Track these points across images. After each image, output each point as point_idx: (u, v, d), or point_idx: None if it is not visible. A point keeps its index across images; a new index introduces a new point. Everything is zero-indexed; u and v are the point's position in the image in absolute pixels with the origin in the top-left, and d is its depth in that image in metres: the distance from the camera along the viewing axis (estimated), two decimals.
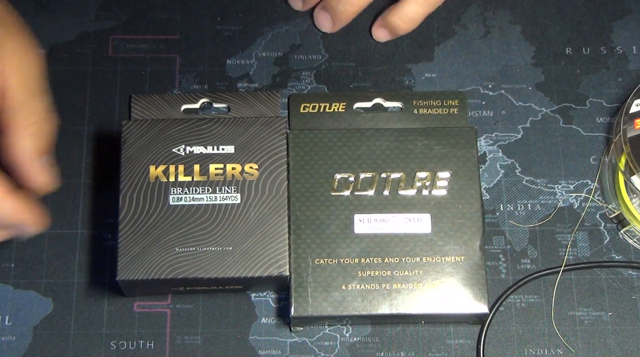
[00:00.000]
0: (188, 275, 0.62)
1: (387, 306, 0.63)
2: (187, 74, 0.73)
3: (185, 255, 0.63)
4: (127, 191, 0.64)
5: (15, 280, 0.67)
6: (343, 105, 0.71)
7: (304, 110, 0.71)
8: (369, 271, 0.64)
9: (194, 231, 0.63)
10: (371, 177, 0.66)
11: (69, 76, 0.72)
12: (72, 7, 0.75)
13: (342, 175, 0.66)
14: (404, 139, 0.67)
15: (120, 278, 0.62)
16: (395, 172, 0.66)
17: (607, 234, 0.69)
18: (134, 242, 0.63)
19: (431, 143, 0.67)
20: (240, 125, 0.66)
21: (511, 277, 0.68)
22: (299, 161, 0.66)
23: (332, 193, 0.66)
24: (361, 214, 0.65)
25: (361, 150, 0.67)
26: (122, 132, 0.65)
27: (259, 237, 0.63)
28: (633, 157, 0.65)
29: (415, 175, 0.66)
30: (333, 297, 0.63)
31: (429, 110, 0.71)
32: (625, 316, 0.67)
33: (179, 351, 0.66)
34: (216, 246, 0.63)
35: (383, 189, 0.66)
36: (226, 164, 0.65)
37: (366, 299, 0.63)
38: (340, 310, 0.63)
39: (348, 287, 0.64)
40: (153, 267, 0.62)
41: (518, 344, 0.66)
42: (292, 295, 0.63)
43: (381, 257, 0.64)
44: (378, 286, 0.64)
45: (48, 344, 0.66)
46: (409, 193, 0.66)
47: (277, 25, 0.75)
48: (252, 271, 0.63)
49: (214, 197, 0.64)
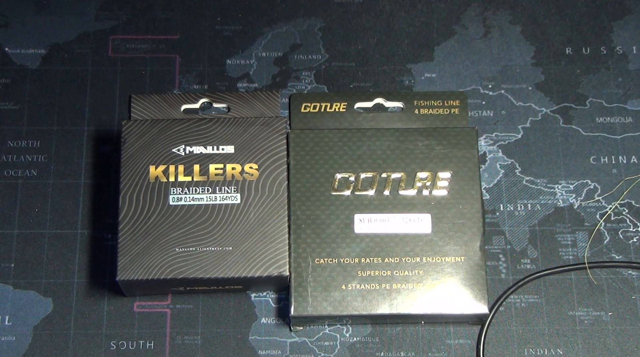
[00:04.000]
0: (188, 275, 0.62)
1: (387, 306, 0.63)
2: (187, 74, 0.73)
3: (185, 255, 0.63)
4: (127, 191, 0.64)
5: (15, 280, 0.67)
6: (344, 105, 0.71)
7: (305, 109, 0.71)
8: (369, 270, 0.64)
9: (193, 231, 0.63)
10: (372, 177, 0.66)
11: (69, 76, 0.72)
12: (72, 7, 0.75)
13: (342, 175, 0.66)
14: (405, 139, 0.67)
15: (120, 278, 0.62)
16: (396, 172, 0.66)
17: (607, 234, 0.69)
18: (134, 242, 0.63)
19: (432, 143, 0.67)
20: (240, 125, 0.66)
21: (511, 277, 0.68)
22: (299, 161, 0.66)
23: (332, 193, 0.66)
24: (361, 214, 0.65)
25: (362, 150, 0.67)
26: (122, 132, 0.65)
27: (258, 237, 0.63)
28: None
29: (415, 176, 0.66)
30: (333, 297, 0.63)
31: (430, 110, 0.71)
32: (625, 316, 0.67)
33: (179, 351, 0.66)
34: (216, 246, 0.63)
35: (383, 189, 0.66)
36: (226, 164, 0.65)
37: (366, 299, 0.63)
38: (340, 310, 0.63)
39: (348, 286, 0.64)
40: (153, 267, 0.62)
41: (518, 344, 0.66)
42: (292, 294, 0.63)
43: (381, 257, 0.64)
44: (378, 286, 0.64)
45: (48, 344, 0.66)
46: (409, 193, 0.66)
47: (277, 25, 0.75)
48: (252, 271, 0.63)
49: (213, 197, 0.64)
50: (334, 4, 0.76)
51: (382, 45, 0.74)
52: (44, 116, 0.71)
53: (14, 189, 0.69)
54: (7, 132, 0.71)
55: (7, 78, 0.72)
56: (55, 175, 0.70)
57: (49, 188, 0.69)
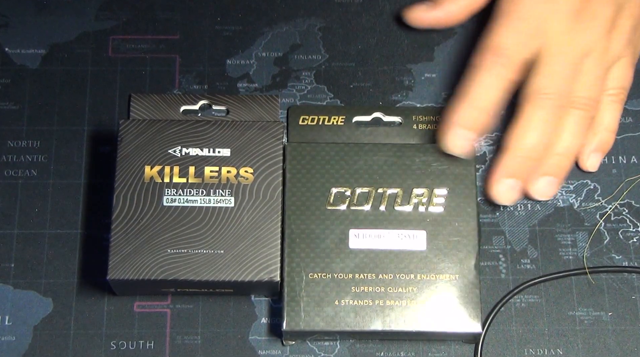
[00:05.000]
0: (178, 277, 0.62)
1: (379, 323, 0.63)
2: (187, 74, 0.73)
3: (176, 256, 0.62)
4: (121, 190, 0.64)
5: (15, 280, 0.67)
6: (342, 118, 0.71)
7: (303, 122, 0.71)
8: (363, 286, 0.64)
9: (186, 232, 0.63)
10: (368, 192, 0.66)
11: (69, 76, 0.72)
12: (72, 7, 0.75)
13: (338, 189, 0.66)
14: (402, 155, 0.67)
15: (111, 277, 0.62)
16: (392, 187, 0.66)
17: (607, 234, 0.69)
18: (126, 242, 0.63)
19: (429, 159, 0.66)
20: (237, 128, 0.66)
21: (511, 277, 0.68)
22: (295, 174, 0.66)
23: (328, 207, 0.65)
24: (357, 229, 0.65)
25: (358, 164, 0.66)
26: (119, 131, 0.65)
27: (251, 241, 0.63)
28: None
29: (412, 192, 0.66)
30: (326, 312, 0.63)
31: (429, 126, 0.71)
32: (625, 316, 0.67)
33: (179, 351, 0.66)
34: (208, 248, 0.63)
35: (379, 205, 0.65)
36: (221, 167, 0.65)
37: (359, 315, 0.63)
38: (333, 325, 0.63)
39: (341, 302, 0.63)
40: (144, 267, 0.62)
41: (518, 344, 0.66)
42: (284, 309, 0.63)
43: (375, 273, 0.64)
44: (371, 302, 0.63)
45: (48, 344, 0.66)
46: (405, 209, 0.65)
47: (277, 25, 0.75)
48: (243, 275, 0.62)
49: (207, 200, 0.64)
50: (334, 4, 0.76)
51: (382, 45, 0.74)
52: (44, 116, 0.71)
53: (14, 189, 0.69)
54: (7, 132, 0.71)
55: (7, 78, 0.72)
56: (55, 175, 0.70)
57: (49, 188, 0.69)
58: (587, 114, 0.67)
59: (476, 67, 0.67)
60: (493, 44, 0.67)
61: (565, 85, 0.66)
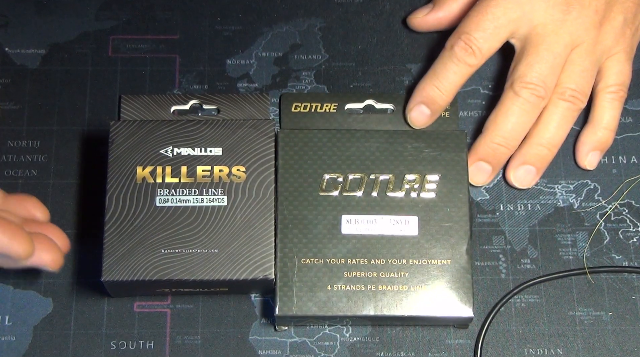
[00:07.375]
0: (173, 277, 0.62)
1: (371, 308, 0.63)
2: (187, 74, 0.73)
3: (171, 257, 0.62)
4: (113, 191, 0.64)
5: (15, 280, 0.67)
6: (334, 105, 0.71)
7: (296, 109, 0.71)
8: (355, 271, 0.64)
9: (179, 232, 0.63)
10: (360, 178, 0.66)
11: (69, 76, 0.72)
12: (72, 7, 0.75)
13: (330, 175, 0.66)
14: (394, 141, 0.67)
15: (105, 279, 0.62)
16: (384, 173, 0.66)
17: (607, 234, 0.69)
18: (120, 243, 0.62)
19: (421, 146, 0.67)
20: (228, 127, 0.66)
21: (511, 277, 0.68)
22: (288, 161, 0.66)
23: (320, 193, 0.66)
24: (349, 215, 0.65)
25: (351, 151, 0.67)
26: (110, 132, 0.65)
27: (244, 240, 0.63)
28: None
29: (404, 178, 0.66)
30: (318, 297, 0.63)
31: None
32: (625, 316, 0.67)
33: (179, 351, 0.66)
34: (202, 248, 0.63)
35: (371, 191, 0.66)
36: (213, 166, 0.65)
37: (351, 300, 0.63)
38: (325, 310, 0.63)
39: (333, 287, 0.64)
40: (138, 268, 0.62)
41: (518, 344, 0.66)
42: (277, 294, 0.63)
43: (367, 258, 0.64)
44: (363, 287, 0.64)
45: (48, 344, 0.66)
46: (397, 195, 0.66)
47: (277, 25, 0.75)
48: (237, 273, 0.62)
49: (200, 199, 0.64)
50: (334, 4, 0.76)
51: (382, 45, 0.74)
52: (44, 116, 0.71)
53: (14, 189, 0.69)
54: (7, 132, 0.71)
55: (7, 78, 0.72)
56: (55, 176, 0.70)
57: (49, 188, 0.69)
58: (573, 106, 0.68)
59: (447, 51, 0.68)
60: (465, 30, 0.68)
61: (548, 75, 0.67)
